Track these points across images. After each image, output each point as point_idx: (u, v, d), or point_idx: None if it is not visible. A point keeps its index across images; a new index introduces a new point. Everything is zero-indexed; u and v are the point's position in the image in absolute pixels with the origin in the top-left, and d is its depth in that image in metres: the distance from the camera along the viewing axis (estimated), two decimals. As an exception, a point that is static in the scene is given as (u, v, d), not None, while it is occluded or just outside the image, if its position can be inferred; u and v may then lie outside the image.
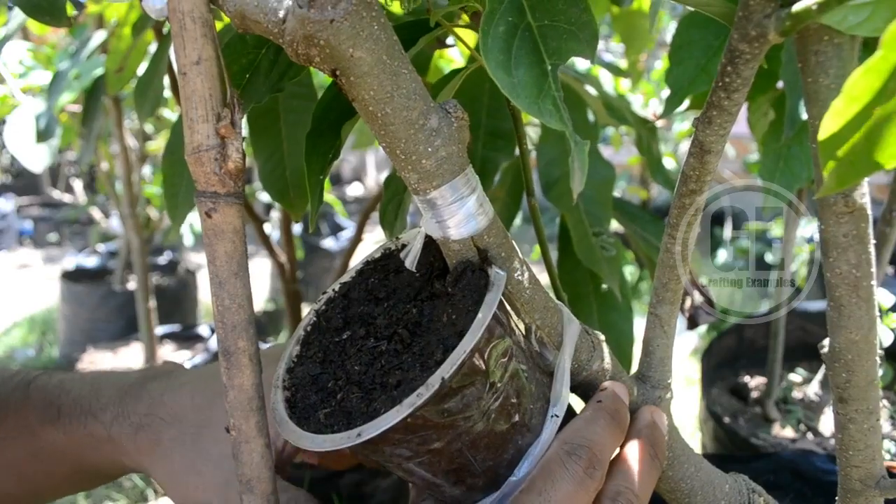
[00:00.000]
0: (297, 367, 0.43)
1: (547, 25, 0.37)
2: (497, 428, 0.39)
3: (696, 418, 1.41)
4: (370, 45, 0.32)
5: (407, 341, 0.40)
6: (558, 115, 0.35)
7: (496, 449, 0.40)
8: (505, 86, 0.35)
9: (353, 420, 0.37)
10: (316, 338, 0.45)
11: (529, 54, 0.36)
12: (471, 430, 0.38)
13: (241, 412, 0.37)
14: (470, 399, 0.37)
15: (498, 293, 0.38)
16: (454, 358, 0.36)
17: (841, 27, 0.26)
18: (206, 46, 0.34)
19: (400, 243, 0.47)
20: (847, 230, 0.34)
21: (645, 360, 0.49)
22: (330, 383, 0.41)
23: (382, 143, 0.36)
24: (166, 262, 2.81)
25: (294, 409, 0.40)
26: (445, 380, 0.35)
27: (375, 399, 0.37)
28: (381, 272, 0.46)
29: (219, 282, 0.36)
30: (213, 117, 0.34)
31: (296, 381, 0.42)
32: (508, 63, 0.36)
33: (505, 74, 0.36)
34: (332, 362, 0.42)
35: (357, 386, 0.39)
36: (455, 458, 0.39)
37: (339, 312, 0.45)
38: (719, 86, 0.32)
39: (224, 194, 0.35)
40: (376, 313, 0.43)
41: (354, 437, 0.35)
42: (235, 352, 0.37)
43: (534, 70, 0.36)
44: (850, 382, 0.42)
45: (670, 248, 0.43)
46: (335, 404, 0.39)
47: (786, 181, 0.77)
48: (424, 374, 0.36)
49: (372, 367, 0.40)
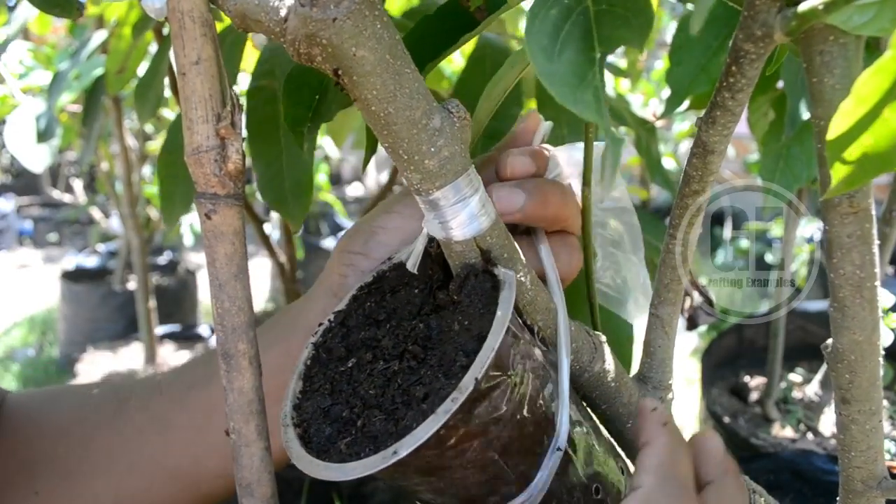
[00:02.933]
0: (303, 403, 0.42)
1: (604, 10, 0.35)
2: (525, 430, 0.38)
3: (696, 418, 1.41)
4: (373, 43, 0.32)
5: (421, 356, 0.39)
6: (596, 106, 0.33)
7: (526, 452, 0.39)
8: (543, 73, 0.33)
9: (381, 442, 0.36)
10: (318, 371, 0.43)
11: (578, 40, 0.34)
12: (501, 434, 0.37)
13: (241, 415, 0.37)
14: (498, 402, 0.36)
15: (512, 291, 0.38)
16: (483, 356, 0.35)
17: (846, 27, 0.26)
18: (205, 46, 0.33)
19: (392, 263, 0.46)
20: (851, 231, 0.34)
21: (646, 362, 0.49)
22: (345, 413, 0.40)
23: (385, 143, 0.36)
24: (166, 262, 2.81)
25: (310, 445, 0.39)
26: (479, 380, 0.34)
27: (403, 417, 0.36)
28: (377, 294, 0.45)
29: (219, 284, 0.36)
30: (212, 118, 0.34)
31: (305, 417, 0.41)
32: (553, 49, 0.34)
33: (545, 61, 0.33)
34: (341, 392, 0.41)
35: (378, 409, 0.38)
36: (488, 468, 0.38)
37: (339, 342, 0.44)
38: (724, 86, 0.32)
39: (224, 196, 0.34)
40: (380, 336, 0.43)
41: (390, 456, 0.34)
42: (235, 354, 0.37)
43: (580, 57, 0.34)
44: (854, 383, 0.41)
45: (672, 248, 0.42)
46: (356, 432, 0.38)
47: (786, 181, 0.77)
48: (451, 381, 0.36)
49: (388, 389, 0.39)
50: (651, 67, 2.39)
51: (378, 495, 1.25)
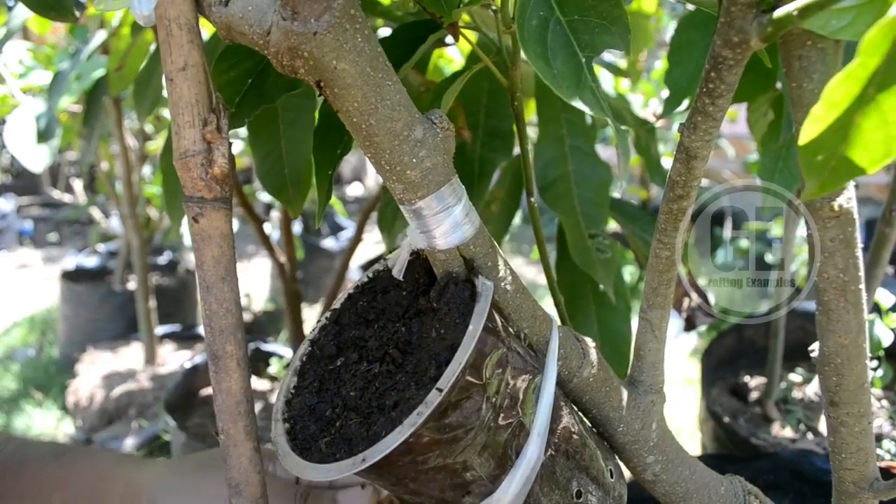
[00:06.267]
0: (294, 399, 0.43)
1: (577, 20, 0.38)
2: (499, 437, 0.39)
3: (696, 418, 1.40)
4: (353, 56, 0.32)
5: (399, 361, 0.39)
6: (598, 104, 0.36)
7: (501, 457, 0.39)
8: (547, 76, 0.36)
9: (354, 446, 0.37)
10: (311, 367, 0.44)
11: (563, 47, 0.37)
12: (474, 441, 0.38)
13: (229, 416, 0.37)
14: (469, 412, 0.37)
15: (486, 304, 0.38)
16: (449, 373, 0.35)
17: (824, 32, 0.26)
18: (192, 52, 0.34)
19: (389, 264, 0.47)
20: (834, 234, 0.34)
21: (637, 365, 0.49)
22: (328, 411, 0.40)
23: (367, 153, 0.36)
24: (166, 262, 2.81)
25: (295, 441, 0.40)
26: (443, 395, 0.35)
27: (375, 423, 0.37)
28: (370, 294, 0.46)
29: (206, 286, 0.36)
30: (199, 123, 0.34)
31: (294, 413, 0.42)
32: (546, 54, 0.37)
33: (545, 65, 0.36)
34: (328, 390, 0.42)
35: (354, 411, 0.39)
36: (461, 473, 0.38)
37: (331, 339, 0.45)
38: (703, 91, 0.32)
39: (211, 199, 0.35)
40: (367, 336, 0.43)
41: (359, 463, 0.35)
42: (223, 356, 0.37)
43: (570, 62, 0.37)
44: (841, 386, 0.41)
45: (659, 253, 0.43)
46: (335, 432, 0.39)
47: (785, 181, 0.77)
48: (420, 392, 0.36)
49: (367, 391, 0.39)
50: (651, 67, 2.39)
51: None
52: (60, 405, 2.13)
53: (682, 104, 0.83)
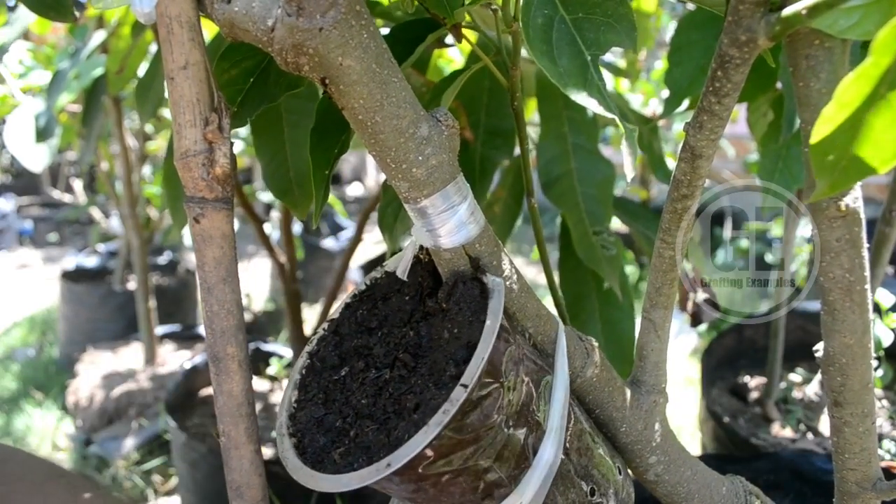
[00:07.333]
0: (298, 412, 0.42)
1: (582, 18, 0.37)
2: (517, 435, 0.39)
3: (697, 418, 1.40)
4: (359, 53, 0.32)
5: (411, 365, 0.39)
6: (604, 102, 0.36)
7: (519, 456, 0.39)
8: (553, 75, 0.36)
9: (374, 454, 0.36)
10: (313, 379, 0.44)
11: (568, 45, 0.37)
12: (494, 441, 0.37)
13: (230, 418, 0.37)
14: (489, 410, 0.36)
15: (501, 299, 0.38)
16: (472, 368, 0.35)
17: (832, 31, 0.26)
18: (193, 51, 0.33)
19: (384, 271, 0.46)
20: (840, 234, 0.34)
21: (639, 365, 0.49)
22: (338, 422, 0.40)
23: (372, 151, 0.35)
24: (166, 262, 2.80)
25: (305, 455, 0.39)
26: (469, 390, 0.34)
27: (395, 427, 0.36)
28: (369, 302, 0.45)
29: (207, 287, 0.36)
30: (200, 122, 0.34)
31: (300, 427, 0.41)
32: (552, 53, 0.36)
33: (550, 63, 0.36)
34: (335, 401, 0.41)
35: (369, 419, 0.38)
36: (482, 474, 0.38)
37: (332, 350, 0.44)
38: (710, 90, 0.32)
39: (212, 199, 0.34)
40: (372, 343, 0.43)
41: (383, 469, 0.34)
42: (224, 357, 0.37)
43: (575, 60, 0.36)
44: (845, 386, 0.41)
45: (663, 252, 0.42)
46: (349, 442, 0.38)
47: (785, 181, 0.77)
48: (442, 391, 0.36)
49: (380, 398, 0.39)
50: (651, 67, 2.39)
51: (378, 495, 1.25)
52: (60, 405, 2.13)
53: (682, 104, 0.83)
